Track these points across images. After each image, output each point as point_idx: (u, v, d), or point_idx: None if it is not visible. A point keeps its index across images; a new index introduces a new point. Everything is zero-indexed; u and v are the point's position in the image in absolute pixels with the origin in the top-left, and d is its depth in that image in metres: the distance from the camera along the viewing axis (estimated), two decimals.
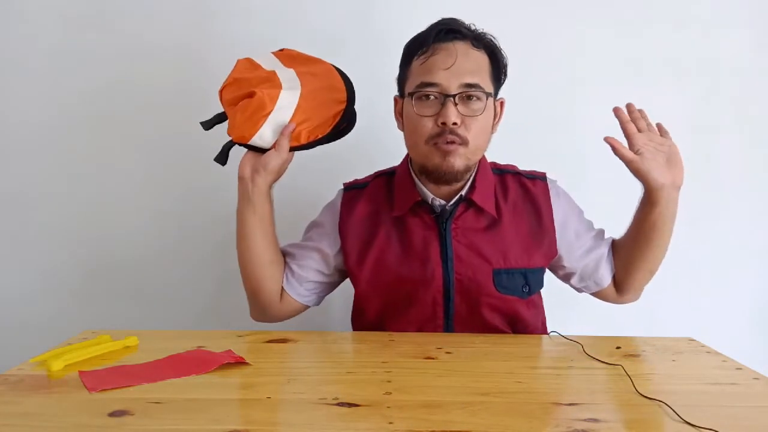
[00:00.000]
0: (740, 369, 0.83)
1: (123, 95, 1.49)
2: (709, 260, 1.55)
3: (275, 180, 1.04)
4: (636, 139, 1.01)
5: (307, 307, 1.14)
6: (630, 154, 0.99)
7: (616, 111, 1.03)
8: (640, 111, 1.04)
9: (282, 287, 1.10)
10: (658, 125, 1.04)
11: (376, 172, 1.18)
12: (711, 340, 0.97)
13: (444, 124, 0.98)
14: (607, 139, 1.00)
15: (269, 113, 0.99)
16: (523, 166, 1.17)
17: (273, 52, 1.08)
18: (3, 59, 1.48)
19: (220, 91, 1.04)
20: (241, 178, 1.04)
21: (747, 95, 1.51)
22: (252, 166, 1.02)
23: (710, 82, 1.51)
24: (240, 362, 0.84)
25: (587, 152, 1.52)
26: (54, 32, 1.48)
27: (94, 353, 0.87)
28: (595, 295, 1.17)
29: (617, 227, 1.14)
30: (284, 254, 1.12)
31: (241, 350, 0.89)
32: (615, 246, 1.15)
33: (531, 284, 1.06)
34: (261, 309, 1.10)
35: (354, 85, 1.06)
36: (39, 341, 1.01)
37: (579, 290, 1.17)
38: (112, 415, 0.66)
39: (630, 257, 1.10)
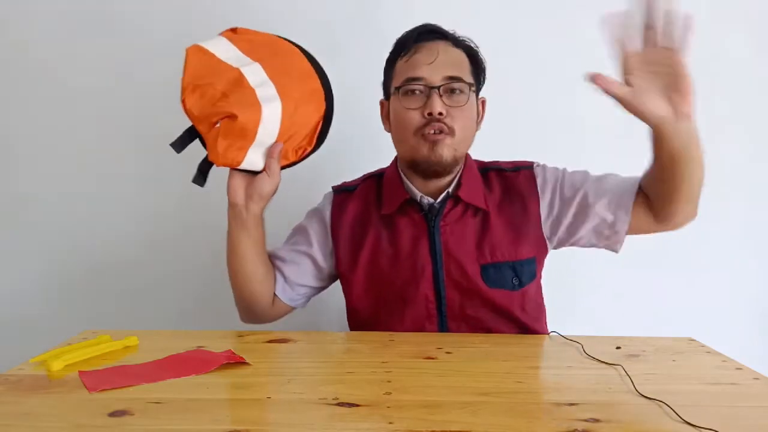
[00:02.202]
0: (740, 369, 0.83)
1: (121, 95, 1.49)
2: (710, 260, 1.55)
3: (268, 202, 1.01)
4: (627, 64, 0.82)
5: (295, 308, 1.15)
6: (620, 91, 0.81)
7: (605, 26, 0.82)
8: (628, 14, 0.81)
9: (274, 293, 1.10)
10: (668, 22, 0.78)
11: (364, 175, 1.19)
12: (711, 340, 0.97)
13: (430, 114, 1.00)
14: (591, 77, 0.80)
15: (254, 137, 0.91)
16: None
17: (224, 34, 0.96)
18: (3, 59, 1.49)
19: (183, 100, 0.91)
20: (233, 205, 0.99)
21: (747, 95, 1.51)
22: (245, 192, 0.98)
23: (710, 82, 1.51)
24: (240, 362, 0.84)
25: (586, 152, 1.52)
26: (53, 32, 1.48)
27: (94, 353, 0.87)
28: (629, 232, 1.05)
29: None
30: (274, 258, 1.11)
31: (241, 350, 0.89)
32: (644, 181, 1.03)
33: (521, 276, 1.06)
34: (252, 316, 1.11)
35: (328, 74, 1.00)
36: (39, 341, 1.00)
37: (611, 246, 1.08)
38: (112, 415, 0.66)
39: (661, 191, 0.98)
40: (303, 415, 0.67)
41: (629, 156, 1.51)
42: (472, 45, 1.08)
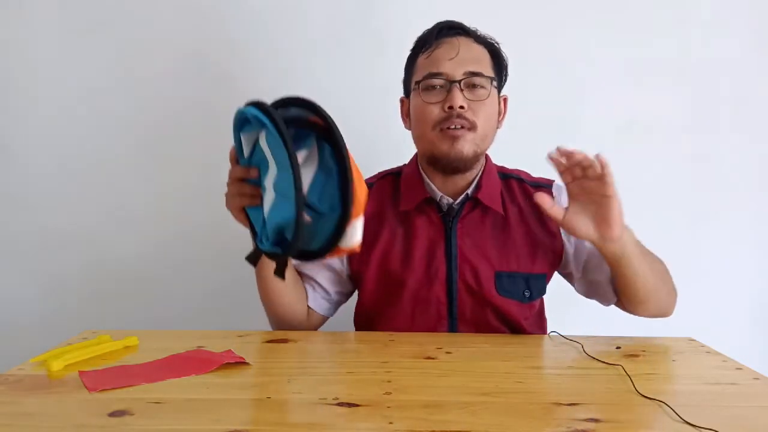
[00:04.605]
0: (740, 369, 0.83)
1: (123, 96, 1.49)
2: (709, 260, 1.54)
3: None
4: (569, 190, 0.92)
5: (327, 318, 1.15)
6: (554, 211, 0.91)
7: (552, 159, 0.90)
8: (572, 153, 0.88)
9: (308, 306, 1.11)
10: (601, 163, 0.86)
11: (380, 173, 1.18)
12: (711, 340, 0.97)
13: (451, 108, 0.99)
14: (536, 198, 0.91)
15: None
16: (525, 166, 1.17)
17: None
18: (3, 60, 1.49)
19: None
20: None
21: (747, 95, 1.51)
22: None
23: (710, 82, 1.51)
24: (240, 362, 0.84)
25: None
26: (55, 33, 1.48)
27: (94, 353, 0.87)
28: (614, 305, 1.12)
29: None
30: (300, 275, 1.12)
31: (241, 350, 0.89)
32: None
33: (532, 289, 1.06)
34: (287, 328, 1.09)
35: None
36: (39, 341, 1.00)
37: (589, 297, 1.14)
38: (112, 415, 0.66)
39: (616, 286, 1.06)
40: (303, 415, 0.67)
41: (628, 154, 1.53)
42: (494, 42, 1.08)
